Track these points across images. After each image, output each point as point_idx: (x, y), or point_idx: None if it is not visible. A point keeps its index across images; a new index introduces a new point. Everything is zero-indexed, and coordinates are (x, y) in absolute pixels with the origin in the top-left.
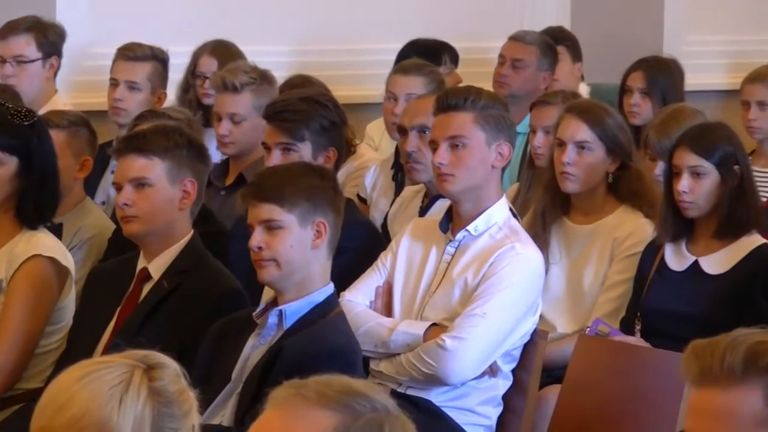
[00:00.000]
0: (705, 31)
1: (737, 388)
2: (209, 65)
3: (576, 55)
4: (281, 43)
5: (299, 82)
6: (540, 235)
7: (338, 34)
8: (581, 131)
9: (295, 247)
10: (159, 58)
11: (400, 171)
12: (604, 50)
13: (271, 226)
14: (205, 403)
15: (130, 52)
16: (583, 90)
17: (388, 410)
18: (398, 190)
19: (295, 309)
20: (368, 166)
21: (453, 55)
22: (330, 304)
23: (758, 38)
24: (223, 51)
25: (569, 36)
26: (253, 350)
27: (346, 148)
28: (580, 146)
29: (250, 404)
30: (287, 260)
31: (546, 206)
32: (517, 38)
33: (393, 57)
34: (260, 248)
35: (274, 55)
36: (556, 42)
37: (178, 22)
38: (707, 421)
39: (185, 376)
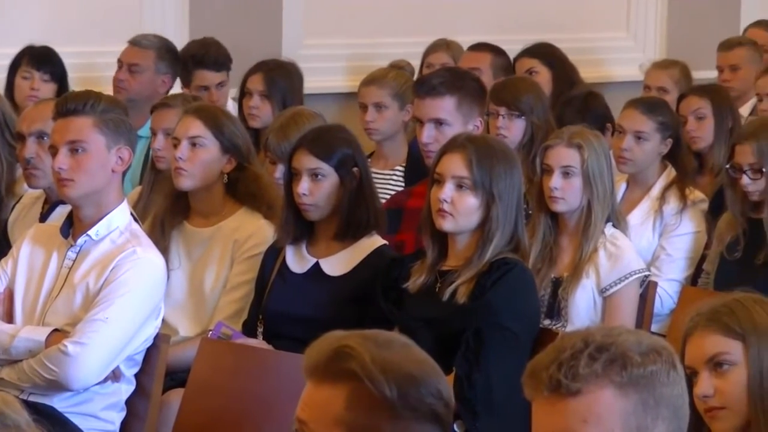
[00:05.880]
0: (323, 35)
1: (324, 386)
2: None
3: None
4: None
5: None
6: (160, 241)
7: None
8: (194, 127)
9: None
10: None
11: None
12: None
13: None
14: None
15: None
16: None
17: (19, 426)
18: None
19: None
20: None
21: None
22: None
23: (375, 41)
24: None
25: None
26: None
27: None
28: (193, 142)
29: None
30: None
31: (165, 211)
32: (134, 43)
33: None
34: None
35: None
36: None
37: None
38: (307, 410)
39: None
